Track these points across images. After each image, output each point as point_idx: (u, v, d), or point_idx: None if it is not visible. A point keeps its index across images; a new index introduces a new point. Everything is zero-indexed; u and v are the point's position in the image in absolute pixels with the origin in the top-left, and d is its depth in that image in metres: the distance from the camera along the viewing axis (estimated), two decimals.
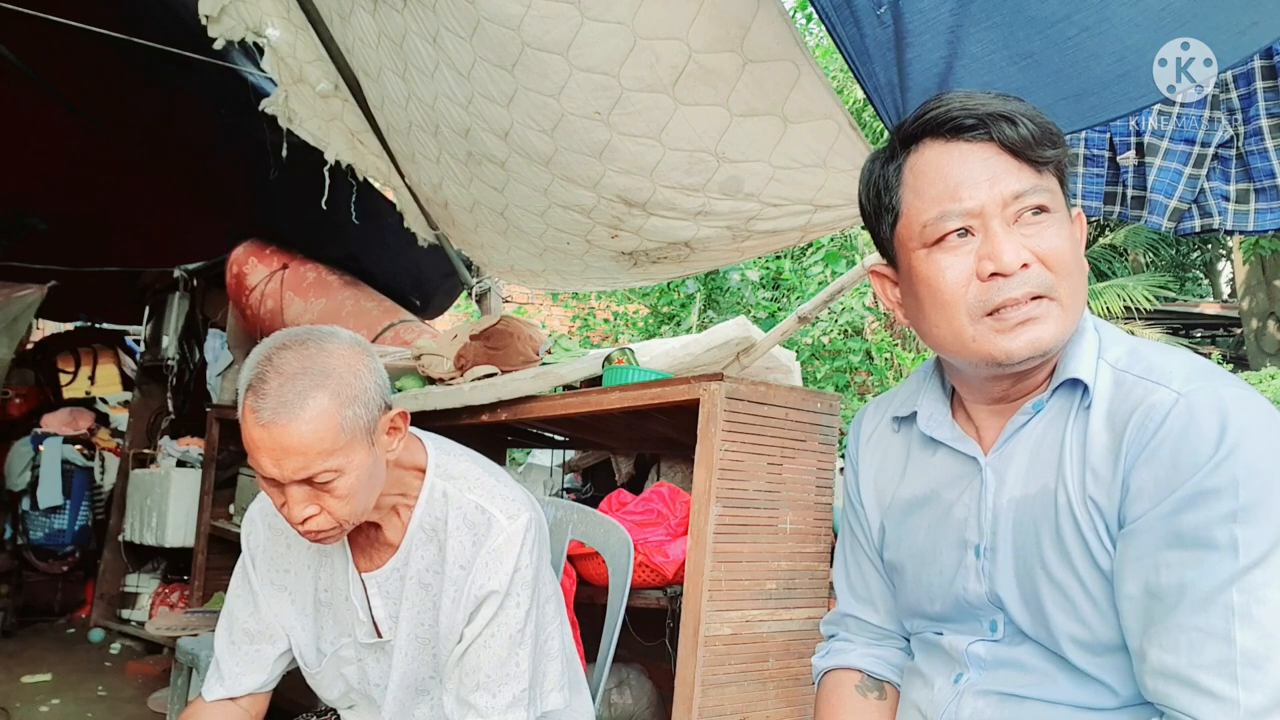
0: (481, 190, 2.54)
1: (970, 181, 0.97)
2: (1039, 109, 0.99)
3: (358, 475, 1.26)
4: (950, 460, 1.07)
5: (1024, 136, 0.96)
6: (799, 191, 2.05)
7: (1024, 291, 0.95)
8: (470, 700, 1.34)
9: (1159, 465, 0.88)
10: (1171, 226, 1.94)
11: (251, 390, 1.22)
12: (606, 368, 2.27)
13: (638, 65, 1.83)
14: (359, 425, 1.25)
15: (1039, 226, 0.96)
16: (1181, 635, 0.84)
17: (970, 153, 0.98)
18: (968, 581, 1.04)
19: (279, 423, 1.19)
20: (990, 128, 0.97)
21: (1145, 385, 0.92)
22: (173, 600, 4.35)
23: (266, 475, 1.23)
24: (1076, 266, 0.97)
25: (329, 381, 1.23)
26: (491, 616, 1.34)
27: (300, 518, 1.25)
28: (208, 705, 1.48)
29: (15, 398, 5.05)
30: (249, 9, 2.52)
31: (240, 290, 3.82)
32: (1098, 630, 0.94)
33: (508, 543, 1.35)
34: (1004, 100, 0.99)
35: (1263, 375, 8.18)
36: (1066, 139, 1.01)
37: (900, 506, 1.13)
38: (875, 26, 1.53)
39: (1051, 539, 0.96)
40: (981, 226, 0.96)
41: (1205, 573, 0.83)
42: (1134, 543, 0.89)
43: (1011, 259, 0.94)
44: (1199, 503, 0.84)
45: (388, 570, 1.41)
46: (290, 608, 1.47)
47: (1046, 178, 0.97)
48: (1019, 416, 1.01)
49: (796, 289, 7.27)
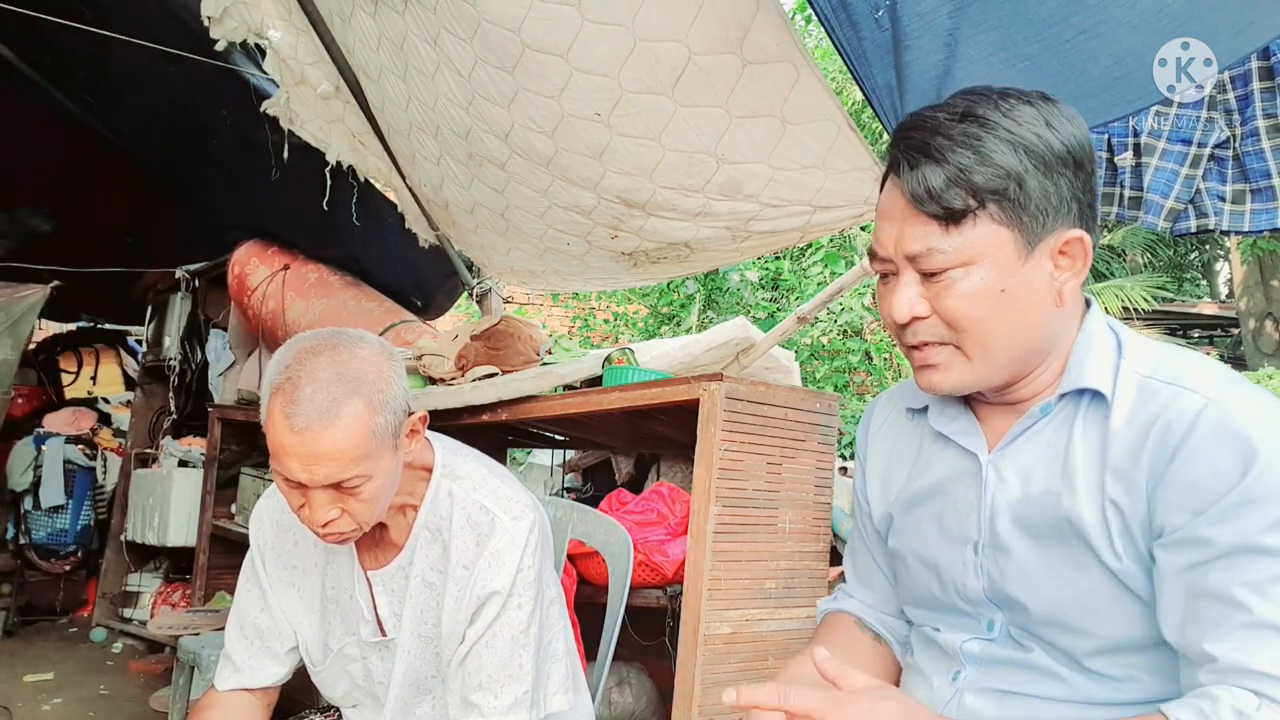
0: (482, 191, 2.55)
1: (884, 229, 0.98)
2: (1016, 130, 0.92)
3: (383, 479, 1.27)
4: (957, 456, 1.08)
5: (928, 189, 0.92)
6: (798, 192, 2.05)
7: (917, 340, 0.98)
8: (473, 700, 1.35)
9: (1195, 472, 0.87)
10: (1168, 227, 1.95)
11: (281, 394, 1.21)
12: (606, 368, 2.27)
13: (638, 67, 1.83)
14: (388, 431, 1.26)
15: (941, 286, 0.94)
16: (1250, 633, 0.84)
17: (894, 196, 0.97)
18: (966, 578, 1.05)
19: (313, 429, 1.19)
20: (902, 174, 0.94)
21: (1172, 389, 0.91)
22: (175, 599, 4.36)
23: (293, 479, 1.23)
24: (995, 317, 0.94)
25: (362, 388, 1.23)
26: (494, 617, 1.35)
27: (322, 521, 1.25)
28: (222, 694, 1.49)
29: (18, 397, 5.06)
30: (251, 10, 2.53)
31: (242, 290, 3.83)
32: (1102, 631, 0.95)
33: (511, 543, 1.36)
34: (964, 126, 0.92)
35: (1260, 375, 8.18)
36: (1026, 172, 0.91)
37: (908, 497, 1.13)
38: (873, 29, 1.54)
39: (1054, 542, 0.97)
40: (896, 271, 0.98)
41: (1262, 575, 0.84)
42: (1179, 552, 0.89)
43: (900, 314, 0.97)
44: (1245, 512, 0.85)
45: (393, 569, 1.42)
46: (299, 603, 1.48)
47: (960, 231, 0.92)
48: (1025, 419, 1.01)
49: (796, 289, 7.28)
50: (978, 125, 0.92)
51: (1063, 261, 0.95)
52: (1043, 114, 0.93)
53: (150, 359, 4.88)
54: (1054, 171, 0.92)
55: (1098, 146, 2.08)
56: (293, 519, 1.47)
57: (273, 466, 1.25)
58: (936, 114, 0.95)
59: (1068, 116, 0.95)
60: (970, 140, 0.91)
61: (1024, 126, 0.92)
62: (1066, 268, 0.96)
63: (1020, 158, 0.91)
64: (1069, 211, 0.94)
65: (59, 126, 3.77)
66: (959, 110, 0.94)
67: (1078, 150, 0.93)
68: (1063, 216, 0.93)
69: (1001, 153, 0.91)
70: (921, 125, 0.95)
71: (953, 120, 0.93)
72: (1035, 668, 1.00)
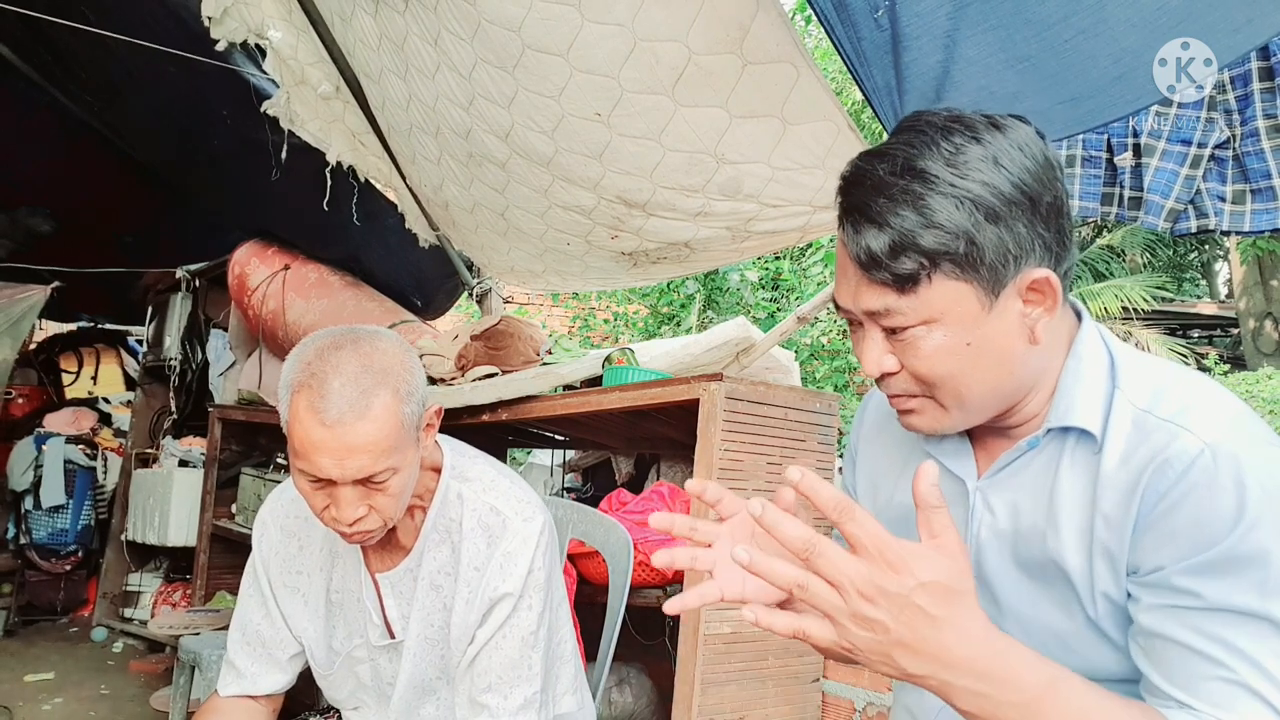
0: (482, 191, 2.56)
1: (842, 284, 0.94)
2: (959, 189, 0.85)
3: (408, 472, 1.27)
4: (944, 477, 1.04)
5: (871, 256, 0.87)
6: (798, 192, 2.06)
7: (890, 392, 0.96)
8: (482, 701, 1.35)
9: (1181, 520, 0.84)
10: (1168, 227, 1.95)
11: (307, 390, 1.20)
12: (606, 368, 2.27)
13: (638, 67, 1.84)
14: (413, 422, 1.26)
15: (906, 344, 0.91)
16: (1216, 688, 0.82)
17: (844, 255, 0.93)
18: None
19: (346, 422, 1.18)
20: (847, 235, 0.90)
21: (1170, 429, 0.86)
22: (175, 599, 4.36)
23: (322, 476, 1.21)
24: (965, 370, 0.90)
25: (389, 379, 1.23)
26: (505, 619, 1.34)
27: (350, 519, 1.23)
28: (224, 701, 1.48)
29: (18, 398, 5.07)
30: (251, 11, 2.53)
31: (242, 290, 3.83)
32: (1081, 668, 0.92)
33: (522, 545, 1.35)
34: (905, 184, 0.86)
35: (1259, 375, 8.18)
36: (979, 230, 0.85)
37: (896, 510, 1.11)
38: (873, 29, 1.54)
39: (1039, 580, 0.95)
40: (860, 323, 0.95)
41: (1241, 637, 0.82)
42: (1153, 593, 0.86)
43: (870, 370, 0.94)
44: (1229, 569, 0.82)
45: (400, 571, 1.41)
46: (303, 609, 1.47)
47: (916, 292, 0.87)
48: (1012, 451, 0.98)
49: (796, 289, 7.28)
50: (919, 181, 0.86)
51: (1032, 296, 0.89)
52: (991, 152, 0.86)
53: (150, 359, 4.88)
54: (1005, 219, 0.86)
55: (1098, 146, 2.09)
56: (297, 523, 1.46)
57: (296, 467, 1.23)
58: (876, 167, 0.89)
59: (1019, 145, 0.87)
60: (912, 199, 0.86)
61: (969, 177, 0.85)
62: (1037, 302, 0.90)
63: (968, 213, 0.85)
64: (1030, 251, 0.88)
65: (59, 126, 3.77)
66: (899, 162, 0.88)
67: (1031, 186, 0.87)
68: (1024, 258, 0.87)
69: (946, 211, 0.85)
70: (861, 181, 0.90)
71: (893, 175, 0.87)
72: None
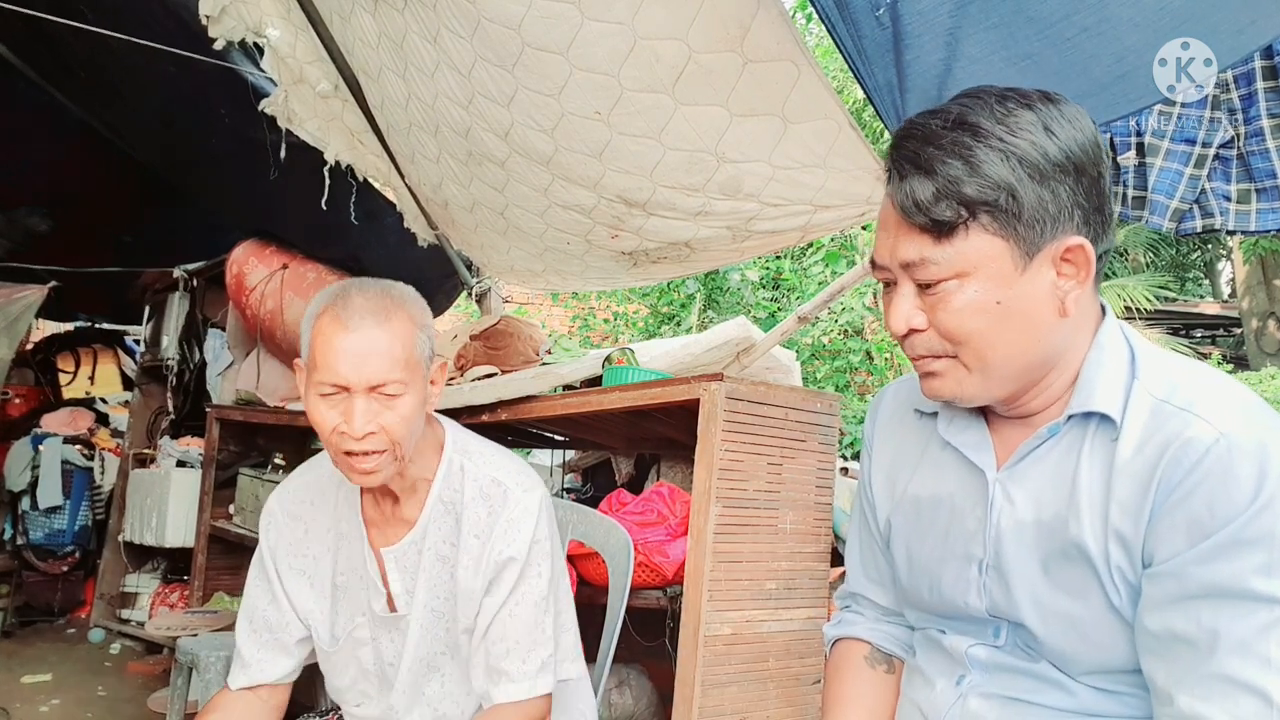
0: (481, 190, 2.55)
1: (882, 238, 0.97)
2: (1009, 139, 0.89)
3: (415, 402, 1.34)
4: (965, 469, 1.05)
5: (916, 202, 0.90)
6: (799, 191, 2.05)
7: (914, 352, 0.99)
8: (501, 667, 1.39)
9: (1194, 507, 0.85)
10: (1172, 227, 1.94)
11: (332, 307, 1.32)
12: (606, 368, 2.27)
13: (638, 65, 1.83)
14: (425, 352, 1.37)
15: (937, 298, 0.93)
16: (1215, 685, 0.83)
17: (889, 206, 0.96)
18: (968, 595, 1.03)
19: (366, 326, 1.29)
20: (894, 185, 0.93)
21: (1185, 417, 0.88)
22: (172, 600, 4.35)
23: (339, 384, 1.29)
24: (993, 330, 0.92)
25: (407, 306, 1.36)
26: (514, 585, 1.40)
27: (361, 430, 1.29)
28: (231, 694, 1.51)
29: (15, 398, 5.06)
30: (249, 9, 2.52)
31: (240, 290, 3.82)
32: (1098, 657, 0.93)
33: (525, 513, 1.41)
34: (955, 135, 0.90)
35: (1263, 375, 8.18)
36: (1019, 183, 0.89)
37: (911, 503, 1.11)
38: (874, 28, 1.53)
39: (1060, 568, 0.95)
40: (895, 280, 0.98)
41: (1240, 623, 0.82)
42: (1162, 584, 0.87)
43: (897, 326, 0.97)
44: (1234, 553, 0.83)
45: (405, 544, 1.45)
46: (309, 591, 1.51)
47: (952, 242, 0.90)
48: (1033, 439, 0.99)
49: (796, 289, 7.27)
50: (970, 134, 0.90)
51: (1066, 269, 0.92)
52: (1042, 119, 0.90)
53: (148, 359, 4.87)
54: (1050, 180, 0.89)
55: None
56: (303, 508, 1.51)
57: (313, 384, 1.31)
58: (930, 121, 0.93)
59: (1070, 119, 0.91)
60: (960, 150, 0.89)
61: (1019, 135, 0.89)
62: (1070, 275, 0.93)
63: (1013, 167, 0.88)
64: (1069, 219, 0.91)
65: (57, 126, 3.76)
66: (952, 117, 0.91)
67: (1078, 155, 0.90)
68: (1062, 224, 0.90)
69: (992, 163, 0.88)
70: (914, 134, 0.93)
71: (945, 128, 0.91)
72: (1041, 677, 0.98)
